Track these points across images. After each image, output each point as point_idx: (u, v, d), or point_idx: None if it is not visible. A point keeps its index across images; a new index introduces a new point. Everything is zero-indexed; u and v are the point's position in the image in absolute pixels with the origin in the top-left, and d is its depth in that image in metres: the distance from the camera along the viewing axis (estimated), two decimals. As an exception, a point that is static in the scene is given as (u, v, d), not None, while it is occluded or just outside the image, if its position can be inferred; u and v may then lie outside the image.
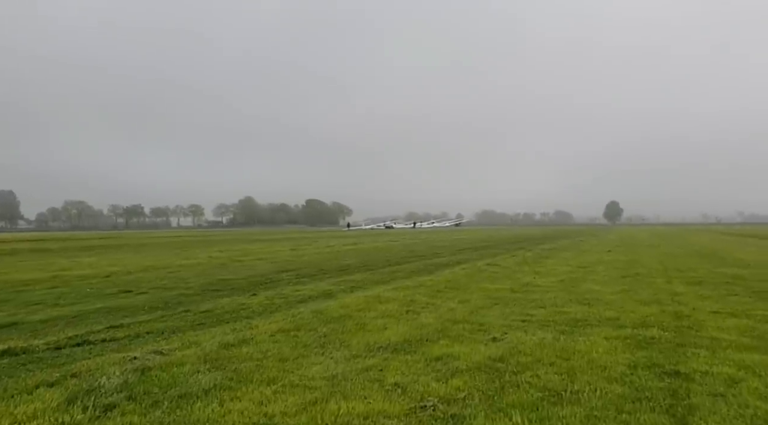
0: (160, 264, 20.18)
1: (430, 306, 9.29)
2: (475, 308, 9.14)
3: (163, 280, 14.56)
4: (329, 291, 11.78)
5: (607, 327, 7.46)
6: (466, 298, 10.28)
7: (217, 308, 9.56)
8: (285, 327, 7.49)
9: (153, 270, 17.65)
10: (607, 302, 9.80)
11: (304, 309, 9.08)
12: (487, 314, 8.51)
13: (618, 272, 15.63)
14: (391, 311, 8.73)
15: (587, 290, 11.42)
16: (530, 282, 12.94)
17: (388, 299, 10.09)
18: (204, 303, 10.28)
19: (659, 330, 7.27)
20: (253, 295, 11.35)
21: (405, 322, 7.81)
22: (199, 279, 14.69)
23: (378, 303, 9.63)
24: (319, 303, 9.86)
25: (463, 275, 14.66)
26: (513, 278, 13.85)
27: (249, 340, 6.67)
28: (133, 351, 6.20)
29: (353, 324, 7.70)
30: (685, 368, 5.41)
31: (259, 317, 8.48)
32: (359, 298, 10.32)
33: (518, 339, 6.66)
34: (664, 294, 10.87)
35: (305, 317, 8.26)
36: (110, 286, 13.37)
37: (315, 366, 5.49)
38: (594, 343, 6.45)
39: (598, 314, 8.45)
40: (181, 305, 10.07)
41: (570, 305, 9.40)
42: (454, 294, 10.83)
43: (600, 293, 11.04)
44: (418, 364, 5.56)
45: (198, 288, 12.74)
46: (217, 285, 13.27)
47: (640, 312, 8.68)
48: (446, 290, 11.54)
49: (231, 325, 7.86)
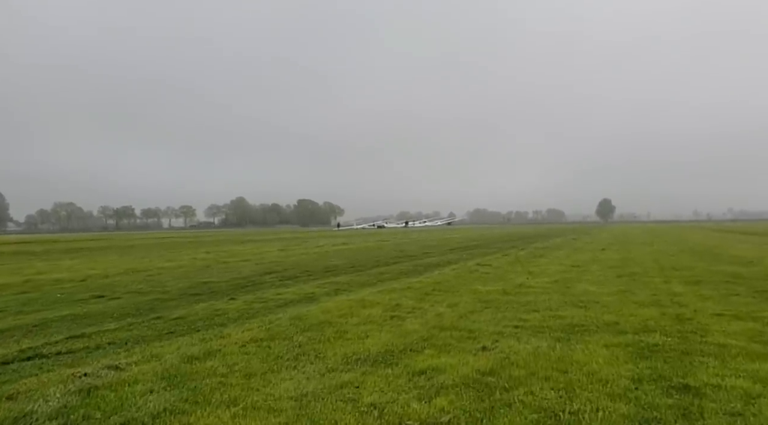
0: (142, 267, 19.52)
1: (416, 311, 8.73)
2: (464, 312, 8.59)
3: (140, 284, 13.92)
4: (312, 295, 11.20)
5: (606, 333, 6.93)
6: (455, 301, 9.73)
7: (191, 315, 8.97)
8: (259, 335, 6.91)
9: (132, 273, 17.00)
10: (604, 304, 9.29)
11: (283, 315, 8.50)
12: (477, 320, 7.97)
13: (613, 271, 15.14)
14: (374, 317, 8.17)
15: (583, 292, 10.91)
16: (523, 283, 12.42)
17: (372, 304, 9.53)
18: (179, 309, 9.68)
19: (662, 335, 6.76)
20: (231, 299, 10.75)
21: (388, 329, 7.25)
22: (179, 283, 14.06)
23: (361, 308, 9.07)
24: (299, 308, 9.29)
25: (453, 277, 14.12)
26: (505, 279, 13.32)
27: (216, 352, 6.09)
28: (86, 366, 5.60)
29: (333, 331, 7.13)
30: (694, 381, 4.88)
31: (234, 325, 7.89)
32: (342, 302, 9.75)
33: (510, 348, 6.11)
34: (662, 295, 10.37)
35: (282, 324, 7.68)
36: (83, 291, 12.72)
37: (284, 383, 4.91)
38: (593, 352, 5.92)
39: (595, 319, 7.93)
40: (153, 312, 9.47)
41: (565, 309, 8.88)
42: (443, 297, 10.29)
43: (596, 294, 10.53)
44: (400, 379, 5.00)
45: (176, 292, 12.13)
46: (197, 289, 12.66)
47: (640, 315, 8.17)
48: (435, 292, 10.99)
49: (201, 334, 7.27)
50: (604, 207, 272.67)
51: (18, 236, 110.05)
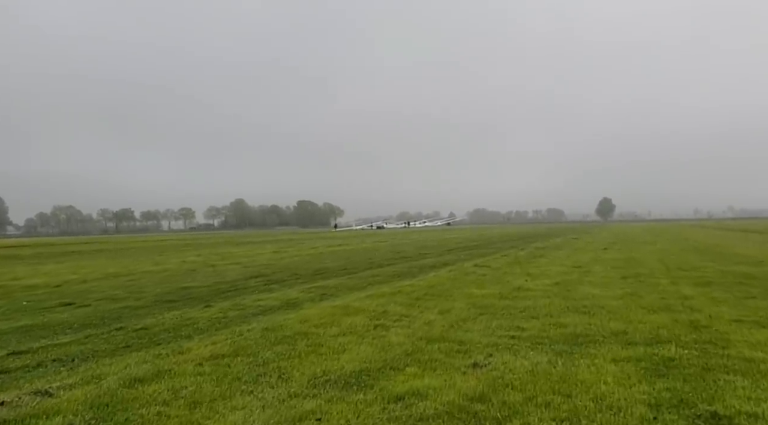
0: (125, 271, 18.73)
1: (403, 319, 7.93)
2: (456, 320, 7.79)
3: (117, 289, 13.13)
4: (295, 300, 10.41)
5: (613, 345, 6.14)
6: (447, 307, 8.94)
7: (157, 325, 8.18)
8: (221, 351, 6.12)
9: (113, 278, 16.21)
10: (610, 309, 8.49)
11: (256, 325, 7.70)
12: (470, 329, 7.17)
13: (617, 272, 14.35)
14: (356, 327, 7.38)
15: (585, 295, 10.12)
16: (521, 286, 11.63)
17: (357, 310, 8.73)
18: (147, 318, 8.90)
19: (677, 347, 5.97)
20: (207, 307, 9.97)
21: (369, 342, 6.46)
22: (158, 288, 13.28)
23: (344, 316, 8.27)
24: (276, 317, 8.50)
25: (447, 279, 13.33)
26: (502, 282, 12.53)
27: (167, 372, 5.30)
28: (11, 392, 4.81)
29: (306, 345, 6.33)
30: (723, 407, 4.09)
31: (199, 337, 7.10)
32: (325, 309, 8.96)
33: (505, 365, 5.32)
34: (672, 298, 9.59)
35: (252, 336, 6.89)
36: (54, 297, 11.93)
37: (233, 414, 4.12)
38: (600, 369, 5.13)
39: (601, 327, 7.13)
40: (118, 321, 8.68)
41: (567, 315, 8.09)
42: (435, 303, 9.49)
43: (600, 298, 9.74)
44: (372, 408, 4.20)
45: (151, 299, 11.34)
46: (175, 295, 11.87)
47: (650, 323, 7.38)
48: (426, 297, 10.20)
49: (160, 349, 6.48)
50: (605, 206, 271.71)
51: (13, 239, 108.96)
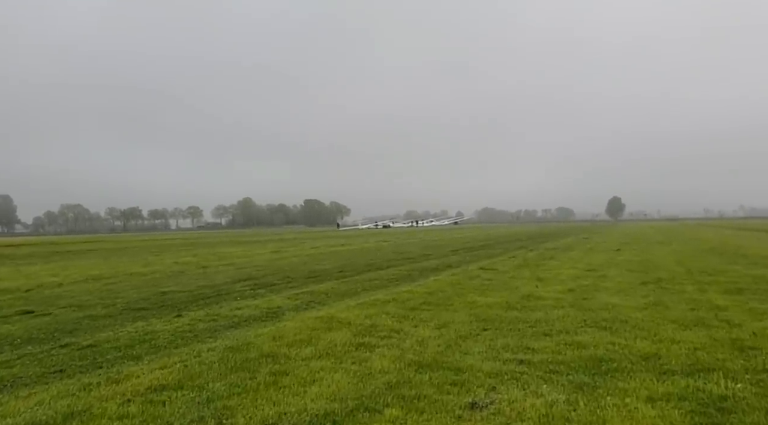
0: (110, 273, 17.72)
1: (393, 336, 6.81)
2: (455, 338, 6.66)
3: (89, 295, 12.09)
4: (277, 310, 9.31)
5: (646, 374, 4.98)
6: (446, 320, 7.80)
7: (110, 341, 7.10)
8: (165, 380, 5.02)
9: (93, 281, 15.18)
10: (634, 324, 7.32)
11: (220, 343, 6.60)
12: (470, 350, 6.04)
13: (635, 276, 13.15)
14: (335, 346, 6.26)
15: (604, 305, 8.95)
16: (531, 293, 10.47)
17: (342, 323, 7.62)
18: (103, 331, 7.83)
19: (726, 378, 4.80)
20: (177, 316, 8.89)
21: (347, 368, 5.34)
22: (135, 293, 12.23)
23: (326, 330, 7.16)
24: (248, 331, 7.40)
25: (449, 284, 12.18)
26: (510, 288, 11.37)
27: (79, 415, 4.19)
28: None
29: (269, 372, 5.22)
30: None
31: (149, 359, 6.01)
32: (306, 321, 7.85)
33: (512, 406, 4.19)
34: (703, 309, 8.40)
35: (209, 359, 5.78)
36: (18, 304, 10.92)
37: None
38: (634, 414, 3.98)
39: (627, 348, 5.98)
40: (70, 335, 7.62)
41: (585, 331, 6.93)
42: (432, 314, 8.36)
43: (621, 309, 8.57)
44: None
45: (121, 306, 10.29)
46: (149, 301, 10.82)
47: (684, 342, 6.22)
48: (423, 307, 9.07)
49: (93, 376, 5.39)
50: (614, 205, 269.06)
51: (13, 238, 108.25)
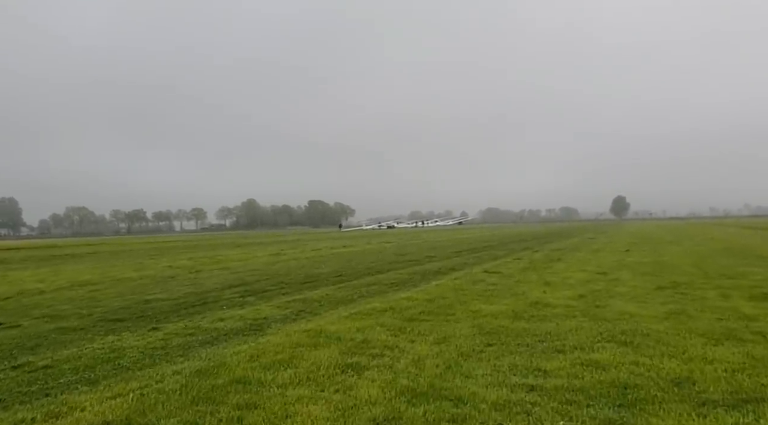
0: (99, 278, 17.02)
1: (386, 354, 6.03)
2: (455, 356, 5.88)
3: (68, 303, 11.38)
4: (263, 321, 8.55)
5: (681, 406, 4.20)
6: (446, 333, 7.02)
7: (70, 360, 6.36)
8: (112, 415, 4.25)
9: (78, 288, 14.47)
10: (657, 337, 6.53)
11: (189, 365, 5.83)
12: (473, 372, 5.26)
13: (649, 280, 12.33)
14: (319, 368, 5.49)
15: (620, 314, 8.15)
16: (539, 300, 9.68)
17: (330, 338, 6.85)
18: (68, 347, 7.10)
19: (778, 411, 4.02)
20: (153, 330, 8.15)
21: (328, 398, 4.57)
22: (117, 301, 11.51)
23: (311, 348, 6.40)
24: (225, 349, 6.63)
25: (451, 289, 11.40)
26: (516, 294, 10.59)
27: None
28: None
29: (235, 405, 4.45)
30: None
31: (105, 384, 5.26)
32: (291, 336, 7.09)
33: (522, 453, 3.41)
34: (732, 319, 7.60)
35: (170, 386, 5.02)
36: (-11, 314, 10.21)
37: None
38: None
39: (653, 370, 5.18)
40: (30, 353, 6.89)
41: (603, 347, 6.14)
42: (431, 325, 7.58)
43: (639, 318, 7.77)
44: None
45: (97, 317, 9.57)
46: (129, 311, 10.10)
47: (719, 361, 5.42)
48: (422, 317, 8.29)
49: (35, 406, 4.64)
50: (619, 205, 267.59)
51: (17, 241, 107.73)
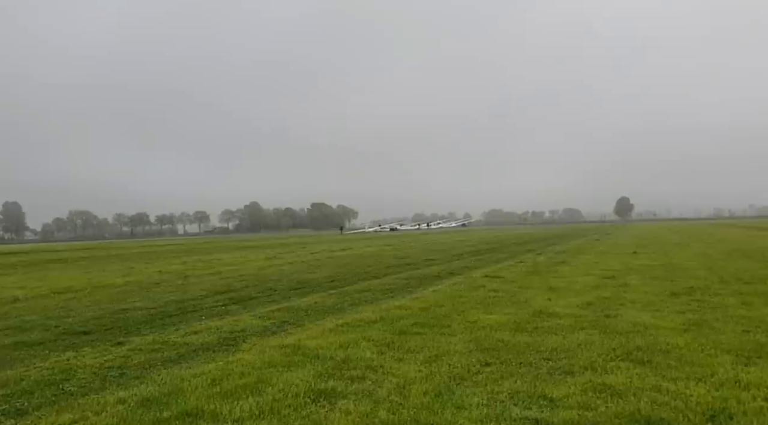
0: (82, 284, 16.26)
1: (368, 377, 5.24)
2: (446, 380, 5.08)
3: (39, 313, 10.60)
4: (240, 333, 7.78)
5: (720, 451, 3.41)
6: (439, 350, 6.23)
7: (12, 383, 5.59)
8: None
9: (56, 295, 13.69)
10: (679, 355, 5.73)
11: (138, 391, 5.05)
12: (466, 401, 4.47)
13: (662, 285, 11.53)
14: (286, 397, 4.70)
15: (633, 325, 7.34)
16: (543, 308, 8.89)
17: (308, 357, 6.07)
18: (17, 366, 6.36)
19: None
20: (117, 344, 7.40)
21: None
22: (91, 310, 10.75)
23: (284, 368, 5.61)
24: (189, 367, 5.86)
25: (449, 297, 10.60)
26: (518, 301, 9.79)
27: None
28: None
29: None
30: None
31: (37, 414, 4.49)
32: (265, 353, 6.32)
33: None
34: (759, 332, 6.80)
35: (105, 421, 4.25)
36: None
37: None
38: None
39: (680, 398, 4.38)
40: (-28, 373, 6.12)
41: (617, 367, 5.34)
42: (424, 340, 6.78)
43: (656, 330, 6.97)
44: None
45: (63, 329, 8.80)
46: (100, 322, 9.34)
47: (755, 386, 4.62)
48: (415, 329, 7.50)
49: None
50: (623, 206, 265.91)
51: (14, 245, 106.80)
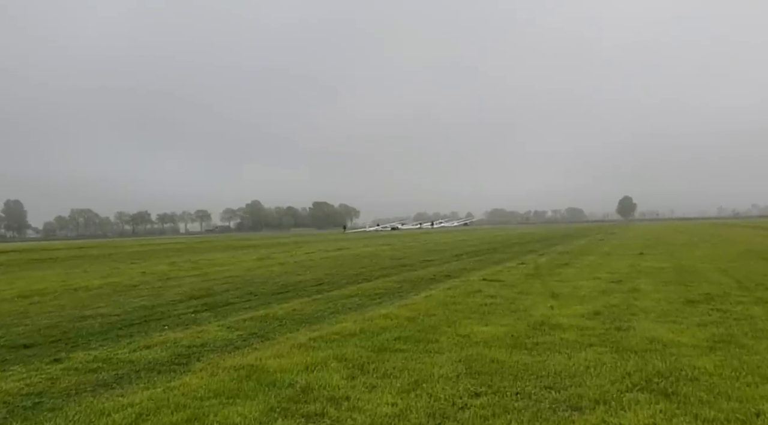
0: (55, 286, 15.31)
1: (328, 414, 4.23)
2: (425, 417, 4.09)
3: (-9, 320, 9.67)
4: (199, 348, 6.81)
5: None
6: (420, 374, 5.24)
7: None
8: None
9: (21, 299, 12.73)
10: (709, 384, 4.73)
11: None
12: (445, 452, 3.48)
13: (675, 291, 10.51)
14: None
15: (649, 341, 6.34)
16: (545, 319, 7.89)
17: (263, 383, 5.08)
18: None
19: None
20: (55, 361, 6.45)
21: None
22: (50, 317, 9.81)
23: (230, 401, 4.62)
24: (117, 396, 4.88)
25: (441, 303, 9.60)
26: (517, 310, 8.80)
27: None
28: None
29: None
30: None
31: None
32: (216, 376, 5.33)
33: None
34: (798, 351, 5.79)
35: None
36: None
37: None
38: None
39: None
40: None
41: (635, 401, 4.34)
42: (405, 359, 5.79)
43: (676, 349, 5.96)
44: None
45: (5, 341, 7.86)
46: (50, 332, 8.40)
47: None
48: (397, 345, 6.50)
49: None
50: (625, 205, 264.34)
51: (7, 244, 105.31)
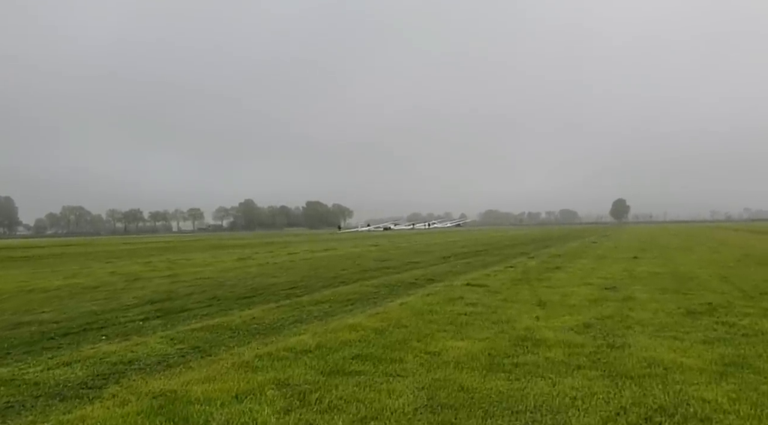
0: (9, 288, 14.36)
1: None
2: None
3: None
4: (124, 366, 5.83)
5: None
6: (374, 406, 4.28)
7: None
8: None
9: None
10: (722, 421, 3.81)
11: None
12: None
13: (674, 300, 9.61)
14: None
15: (648, 363, 5.42)
16: (528, 333, 6.96)
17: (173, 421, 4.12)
18: None
19: None
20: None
21: None
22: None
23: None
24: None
25: (416, 313, 8.64)
26: (499, 321, 7.85)
27: None
28: None
29: None
30: None
31: None
32: (125, 407, 4.37)
33: None
34: (824, 378, 4.88)
35: None
36: None
37: None
38: None
39: None
40: None
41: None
42: (358, 386, 4.83)
43: (680, 374, 5.04)
44: None
45: None
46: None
47: None
48: (354, 365, 5.54)
49: None
50: (619, 207, 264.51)
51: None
